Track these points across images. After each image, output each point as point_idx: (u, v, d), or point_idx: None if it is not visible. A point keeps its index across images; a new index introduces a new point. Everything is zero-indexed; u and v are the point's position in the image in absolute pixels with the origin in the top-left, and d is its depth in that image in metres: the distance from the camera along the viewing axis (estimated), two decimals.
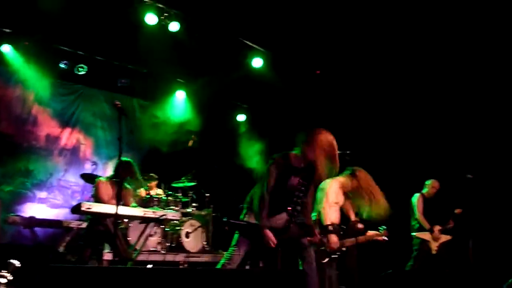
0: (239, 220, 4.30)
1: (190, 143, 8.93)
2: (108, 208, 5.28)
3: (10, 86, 8.31)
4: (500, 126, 7.16)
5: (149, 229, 6.17)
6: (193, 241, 7.61)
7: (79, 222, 6.91)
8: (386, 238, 5.37)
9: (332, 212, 5.17)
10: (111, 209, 5.06)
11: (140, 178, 5.91)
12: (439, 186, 7.07)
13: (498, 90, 7.14)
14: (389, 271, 5.01)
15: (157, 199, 7.58)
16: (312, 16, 7.19)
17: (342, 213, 5.35)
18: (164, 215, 5.96)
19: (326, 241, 4.97)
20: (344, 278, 5.23)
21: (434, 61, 7.41)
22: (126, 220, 6.40)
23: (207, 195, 8.40)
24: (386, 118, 8.18)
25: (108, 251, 6.17)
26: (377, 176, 5.27)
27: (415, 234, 6.93)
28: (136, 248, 6.20)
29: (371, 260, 6.28)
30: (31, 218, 6.85)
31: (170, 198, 7.84)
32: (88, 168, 8.76)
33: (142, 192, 7.66)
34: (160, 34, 7.73)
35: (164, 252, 7.14)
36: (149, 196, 7.61)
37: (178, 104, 9.90)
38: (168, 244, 7.37)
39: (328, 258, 4.99)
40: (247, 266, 6.34)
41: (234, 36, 8.20)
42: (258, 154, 8.82)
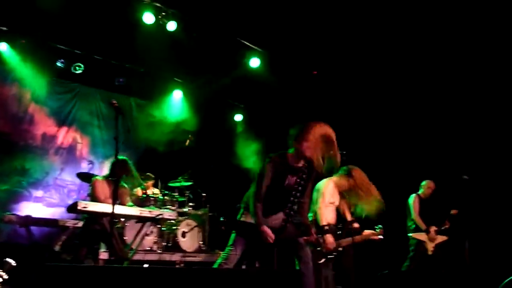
0: (236, 220, 4.28)
1: (187, 143, 8.93)
2: (104, 207, 5.27)
3: (7, 84, 8.28)
4: (496, 128, 7.18)
5: (145, 228, 6.16)
6: (189, 240, 7.61)
7: (75, 221, 6.88)
8: (381, 237, 5.39)
9: (328, 212, 5.17)
10: (108, 208, 5.05)
11: (136, 175, 5.89)
12: (435, 186, 7.10)
13: (494, 93, 7.16)
14: (385, 272, 5.02)
15: (153, 199, 7.58)
16: (309, 16, 7.19)
17: (338, 213, 5.36)
18: (160, 215, 5.95)
19: (323, 241, 4.97)
20: (340, 278, 5.23)
21: (431, 61, 7.43)
22: (122, 219, 6.39)
23: (204, 195, 8.41)
24: (382, 119, 8.20)
25: (104, 250, 6.16)
26: (373, 177, 5.28)
27: (412, 234, 6.94)
28: (132, 247, 6.19)
29: (368, 260, 6.29)
30: (27, 217, 6.81)
31: (166, 197, 7.85)
32: (84, 167, 8.73)
33: (138, 191, 7.66)
34: (157, 33, 7.72)
35: (160, 251, 7.14)
36: (145, 195, 7.62)
37: (175, 103, 9.89)
38: (164, 243, 7.37)
39: (324, 258, 5.00)
40: (243, 266, 6.36)
41: (231, 35, 8.20)
42: (255, 154, 8.81)
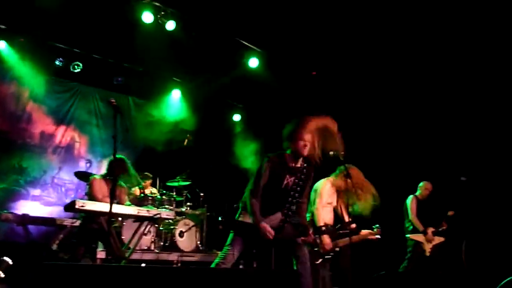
0: (234, 219, 4.28)
1: (186, 142, 8.93)
2: (102, 206, 5.26)
3: (5, 82, 8.27)
4: (493, 130, 7.19)
5: (143, 227, 6.15)
6: (187, 240, 7.60)
7: (73, 220, 6.88)
8: (379, 237, 5.39)
9: (325, 212, 5.18)
10: (105, 207, 5.04)
11: (134, 174, 5.89)
12: (432, 188, 7.11)
13: (491, 95, 7.17)
14: (382, 272, 5.02)
15: (151, 198, 7.58)
16: (308, 16, 7.19)
17: (336, 213, 5.36)
18: (158, 214, 5.94)
19: (320, 242, 4.98)
20: (337, 279, 5.23)
21: (429, 63, 7.44)
22: (120, 218, 6.38)
23: (202, 195, 8.40)
24: (380, 120, 8.20)
25: (101, 250, 6.15)
26: (371, 178, 5.29)
27: (409, 236, 6.95)
28: (129, 246, 6.18)
29: (366, 261, 6.29)
30: (24, 215, 6.80)
31: (164, 197, 7.85)
32: (82, 166, 8.73)
33: (136, 190, 7.65)
34: (156, 32, 7.71)
35: (157, 251, 7.13)
36: (143, 194, 7.61)
37: (174, 103, 9.89)
38: (162, 243, 7.36)
39: (321, 259, 5.00)
40: (241, 266, 6.36)
41: (230, 35, 8.20)
42: (253, 154, 8.80)
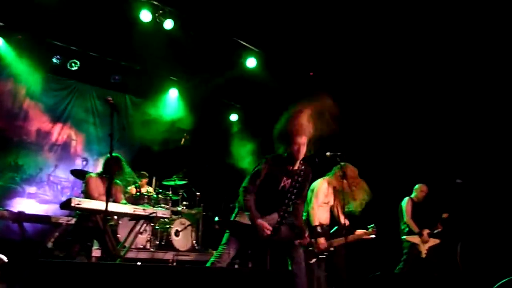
0: (230, 220, 4.27)
1: (182, 142, 8.92)
2: (98, 204, 5.25)
3: (2, 80, 8.25)
4: (489, 132, 7.22)
5: (138, 226, 6.14)
6: (182, 239, 7.59)
7: (68, 218, 6.85)
8: (373, 236, 5.40)
9: (321, 212, 5.19)
10: (101, 205, 5.03)
11: (129, 172, 5.87)
12: (428, 190, 7.13)
13: (486, 99, 7.19)
14: (377, 273, 5.03)
15: (147, 197, 7.57)
16: (306, 17, 7.20)
17: (332, 213, 5.37)
18: (154, 213, 5.93)
19: (314, 241, 4.99)
20: (332, 279, 5.24)
21: (426, 66, 7.46)
22: (115, 217, 6.37)
23: (198, 194, 8.40)
24: (377, 122, 8.22)
25: (97, 248, 6.14)
26: (368, 180, 5.31)
27: (405, 237, 6.96)
28: (125, 245, 6.17)
29: (362, 262, 6.31)
30: (20, 213, 6.77)
31: (160, 196, 7.84)
32: (78, 164, 8.71)
33: (132, 189, 7.64)
34: (154, 31, 7.72)
35: (153, 250, 7.12)
36: (139, 193, 7.60)
37: (171, 102, 9.89)
38: (157, 242, 7.35)
39: (315, 258, 5.02)
40: (236, 266, 6.36)
41: (228, 35, 8.20)
42: (250, 154, 8.80)
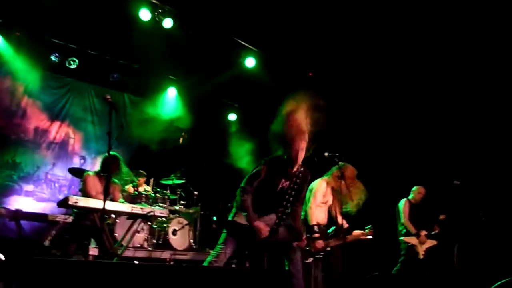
0: (228, 219, 4.26)
1: (181, 141, 8.91)
2: (95, 202, 5.24)
3: (0, 77, 8.22)
4: (486, 134, 7.23)
5: (136, 225, 6.13)
6: (180, 238, 7.58)
7: (66, 216, 6.84)
8: (371, 237, 5.41)
9: (318, 212, 5.20)
10: (99, 204, 5.02)
11: (127, 171, 5.87)
12: (425, 192, 7.14)
13: (484, 100, 7.20)
14: (375, 274, 5.03)
15: (145, 196, 7.55)
16: (305, 17, 7.20)
17: (330, 213, 5.38)
18: (151, 212, 5.93)
19: (311, 241, 4.99)
20: (330, 280, 5.24)
21: (424, 67, 7.47)
22: (113, 215, 6.36)
23: (196, 193, 8.39)
24: (375, 124, 8.22)
25: (94, 246, 6.13)
26: (365, 182, 5.31)
27: (403, 238, 6.96)
28: (122, 244, 6.16)
29: (359, 263, 6.31)
30: (17, 211, 6.76)
31: (158, 195, 7.83)
32: (76, 162, 8.70)
33: (130, 188, 7.63)
34: (153, 30, 7.71)
35: (150, 249, 7.11)
36: (137, 192, 7.59)
37: (169, 101, 9.87)
38: (154, 241, 7.35)
39: (312, 258, 5.01)
40: (233, 266, 6.35)
41: (227, 35, 8.20)
42: (248, 154, 8.79)
